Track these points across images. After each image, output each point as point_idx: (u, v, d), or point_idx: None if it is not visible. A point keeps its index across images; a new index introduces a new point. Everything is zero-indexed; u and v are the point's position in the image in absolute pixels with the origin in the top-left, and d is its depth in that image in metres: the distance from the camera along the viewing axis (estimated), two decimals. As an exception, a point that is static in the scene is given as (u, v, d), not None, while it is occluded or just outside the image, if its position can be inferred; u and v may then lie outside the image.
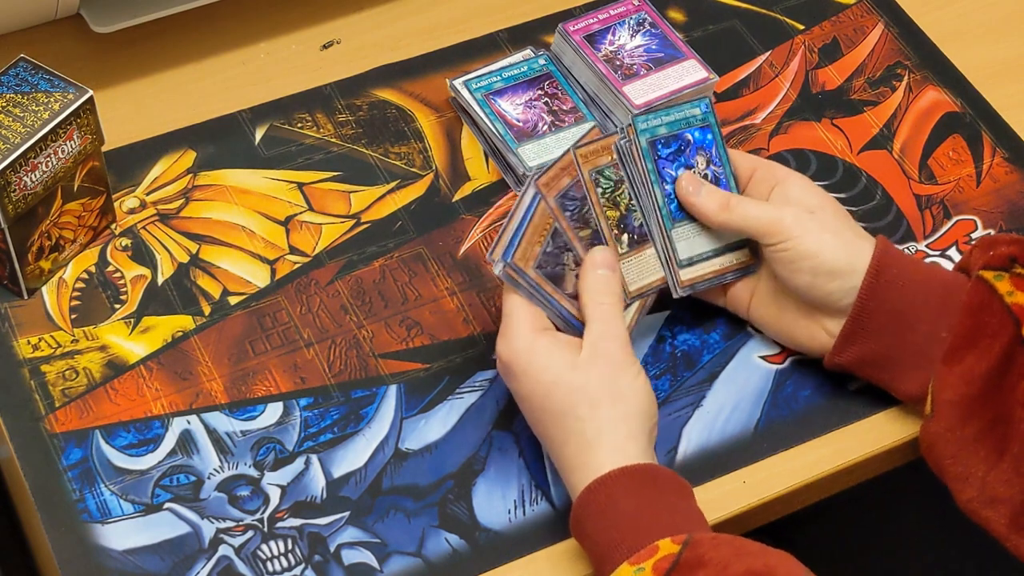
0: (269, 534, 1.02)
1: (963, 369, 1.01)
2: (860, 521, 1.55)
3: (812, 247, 1.04)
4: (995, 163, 1.24)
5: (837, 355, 1.06)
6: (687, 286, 1.08)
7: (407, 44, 1.29)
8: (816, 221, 1.05)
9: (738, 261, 1.09)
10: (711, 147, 1.09)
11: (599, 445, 0.97)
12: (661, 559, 0.92)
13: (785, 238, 1.04)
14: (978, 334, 1.02)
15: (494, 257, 1.02)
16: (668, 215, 1.07)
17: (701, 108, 1.10)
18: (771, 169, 1.09)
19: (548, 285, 1.02)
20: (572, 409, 0.98)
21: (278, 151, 1.21)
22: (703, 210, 1.07)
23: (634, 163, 1.07)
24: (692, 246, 1.08)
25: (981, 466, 1.01)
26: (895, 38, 1.32)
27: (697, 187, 1.07)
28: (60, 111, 1.05)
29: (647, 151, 1.07)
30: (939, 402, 1.02)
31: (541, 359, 0.99)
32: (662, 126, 1.08)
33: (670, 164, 1.08)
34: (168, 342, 1.10)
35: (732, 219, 1.06)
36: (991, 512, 1.01)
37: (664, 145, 1.08)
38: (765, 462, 1.07)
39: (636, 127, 1.07)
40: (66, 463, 1.04)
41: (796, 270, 1.05)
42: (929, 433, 1.03)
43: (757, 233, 1.06)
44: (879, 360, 1.05)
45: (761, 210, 1.06)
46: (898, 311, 1.04)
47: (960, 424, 1.01)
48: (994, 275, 1.03)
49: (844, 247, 1.04)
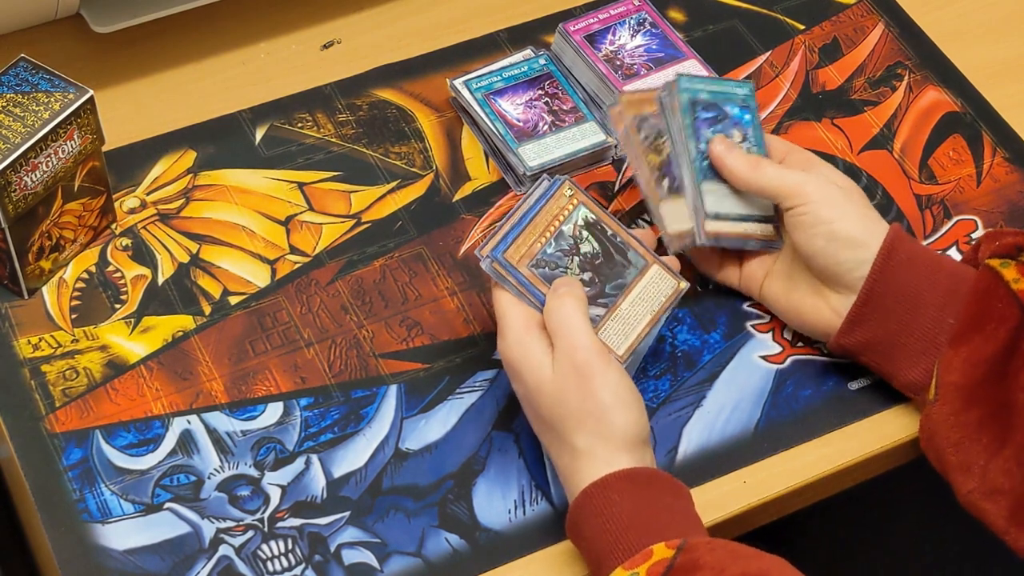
0: (269, 534, 1.02)
1: (969, 352, 1.02)
2: (860, 521, 1.56)
3: (830, 213, 1.06)
4: (995, 163, 1.24)
5: (843, 337, 1.06)
6: (711, 236, 1.09)
7: (407, 44, 1.29)
8: (839, 193, 1.07)
9: (763, 233, 1.10)
10: (748, 127, 1.11)
11: (589, 457, 0.97)
12: (655, 564, 0.92)
13: (805, 201, 1.06)
14: (984, 319, 1.02)
15: (482, 252, 1.02)
16: (700, 169, 1.09)
17: (744, 89, 1.13)
18: (804, 155, 1.12)
19: (543, 284, 1.02)
20: (558, 422, 0.98)
21: (278, 151, 1.21)
22: (732, 168, 1.08)
23: (673, 115, 1.09)
24: (720, 203, 1.10)
25: (982, 455, 1.01)
26: (895, 38, 1.32)
27: (729, 148, 1.09)
28: (60, 111, 1.05)
29: (687, 107, 1.10)
30: (944, 384, 1.02)
31: (530, 360, 0.99)
32: (704, 91, 1.11)
33: (706, 126, 1.10)
34: (168, 342, 1.10)
35: (759, 179, 1.08)
36: (991, 504, 1.01)
37: (704, 109, 1.10)
38: (765, 462, 1.07)
39: (679, 84, 1.10)
40: (66, 463, 1.04)
41: (813, 234, 1.06)
42: (931, 420, 1.03)
43: (780, 194, 1.07)
44: (884, 345, 1.05)
45: (787, 174, 1.08)
46: (906, 295, 1.04)
47: (964, 408, 1.02)
48: (1000, 262, 1.04)
49: (861, 220, 1.06)
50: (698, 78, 1.12)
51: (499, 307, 1.02)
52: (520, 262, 1.02)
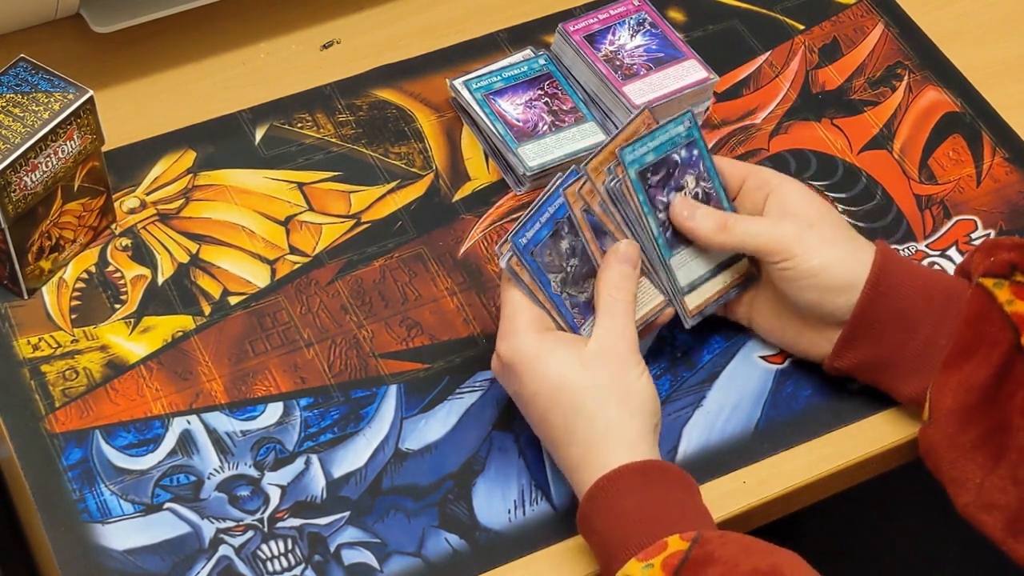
0: (269, 534, 1.02)
1: (961, 377, 1.01)
2: (860, 521, 1.56)
3: (816, 264, 1.03)
4: (995, 163, 1.24)
5: (836, 360, 1.06)
6: (696, 315, 1.07)
7: (407, 44, 1.29)
8: (817, 235, 1.03)
9: (739, 274, 1.09)
10: (699, 163, 1.07)
11: (607, 442, 0.97)
12: (670, 555, 0.92)
13: (788, 256, 1.03)
14: (977, 343, 1.01)
15: (503, 249, 1.01)
16: (665, 244, 1.05)
17: (684, 124, 1.06)
18: (761, 176, 1.08)
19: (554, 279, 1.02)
20: (580, 408, 0.98)
21: (278, 151, 1.21)
22: (700, 233, 1.05)
23: (627, 201, 1.04)
24: (691, 271, 1.07)
25: (978, 472, 1.01)
26: (895, 38, 1.32)
27: (692, 211, 1.05)
28: (60, 111, 1.05)
29: (637, 183, 1.04)
30: (937, 409, 1.02)
31: (547, 358, 0.99)
32: (648, 153, 1.05)
33: (660, 191, 1.05)
34: (168, 342, 1.10)
35: (731, 239, 1.05)
36: (987, 517, 1.01)
37: (653, 173, 1.05)
38: (765, 462, 1.07)
39: (623, 160, 1.03)
40: (66, 463, 1.04)
41: (802, 288, 1.04)
42: (927, 439, 1.03)
43: (758, 252, 1.04)
44: (878, 365, 1.05)
45: (760, 227, 1.04)
46: (897, 317, 1.03)
47: (958, 432, 1.01)
48: (994, 283, 1.03)
49: (848, 261, 1.03)
50: (637, 142, 1.04)
51: (509, 306, 1.01)
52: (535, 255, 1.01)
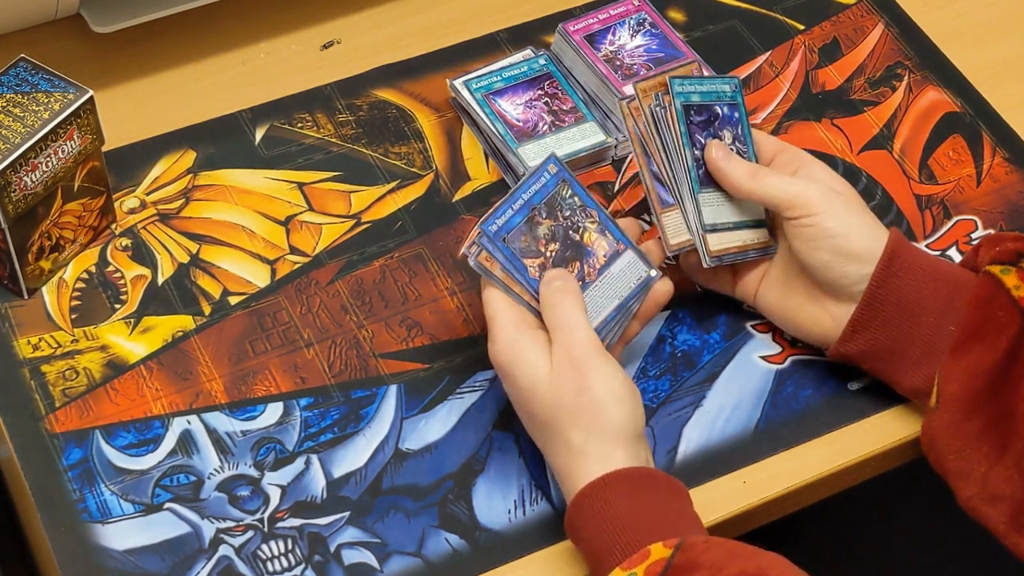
0: (269, 534, 1.02)
1: (969, 362, 1.02)
2: (860, 521, 1.55)
3: (837, 226, 1.04)
4: (995, 163, 1.24)
5: (844, 344, 1.06)
6: (716, 256, 1.08)
7: (407, 44, 1.29)
8: (842, 201, 1.05)
9: (759, 240, 1.10)
10: (738, 125, 1.10)
11: (584, 455, 0.97)
12: (653, 563, 0.92)
13: (810, 212, 1.04)
14: (985, 327, 1.02)
15: (470, 251, 1.02)
16: (696, 179, 1.08)
17: (731, 86, 1.11)
18: (795, 153, 1.10)
19: (533, 270, 1.02)
20: (553, 420, 0.98)
21: (278, 151, 1.21)
22: (731, 177, 1.07)
23: (668, 125, 1.07)
24: (716, 213, 1.08)
25: (983, 462, 1.01)
26: (895, 38, 1.32)
27: (727, 155, 1.08)
28: (60, 111, 1.05)
29: (681, 114, 1.07)
30: (944, 394, 1.02)
31: (523, 361, 0.99)
32: (695, 93, 1.09)
33: (700, 131, 1.08)
34: (168, 342, 1.10)
35: (759, 188, 1.06)
36: (991, 510, 1.01)
37: (696, 112, 1.08)
38: (765, 462, 1.07)
39: (672, 88, 1.07)
40: (66, 463, 1.04)
41: (817, 247, 1.05)
42: (932, 428, 1.03)
43: (783, 204, 1.05)
44: (884, 352, 1.05)
45: (788, 182, 1.06)
46: (907, 303, 1.04)
47: (964, 418, 1.01)
48: (1001, 269, 1.03)
49: (867, 231, 1.05)
50: (687, 79, 1.10)
51: (490, 308, 1.02)
52: (508, 242, 1.02)
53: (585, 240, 1.05)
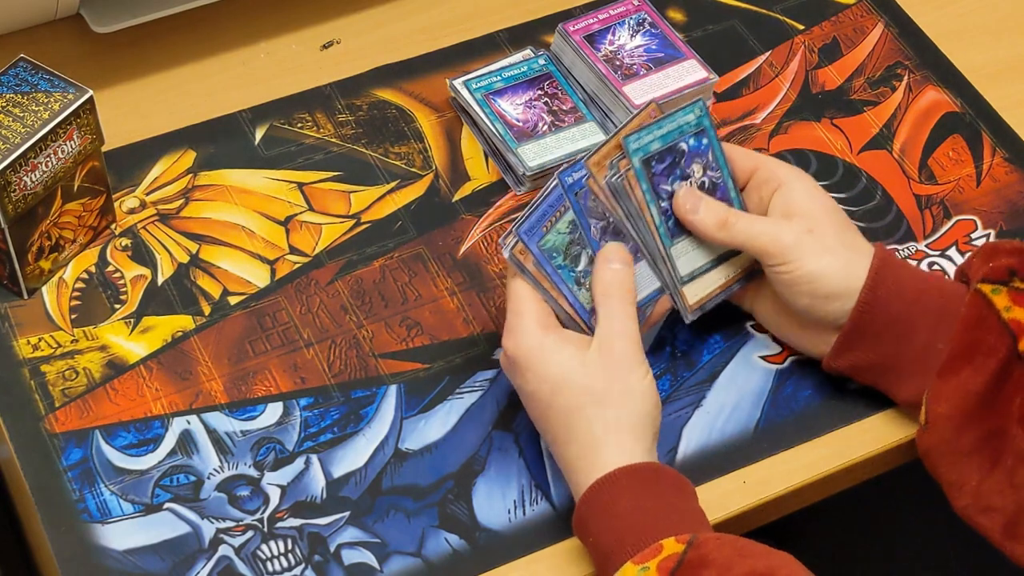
0: (269, 534, 1.02)
1: (958, 383, 1.01)
2: (860, 521, 1.55)
3: (811, 270, 1.03)
4: (995, 163, 1.24)
5: (833, 361, 1.06)
6: (696, 309, 1.07)
7: (407, 44, 1.29)
8: (816, 241, 1.03)
9: (741, 268, 1.09)
10: (707, 152, 1.06)
11: (605, 445, 0.97)
12: (666, 558, 0.92)
13: (785, 260, 1.03)
14: (974, 350, 1.01)
15: (506, 239, 1.01)
16: (666, 233, 1.05)
17: (695, 112, 1.05)
18: (772, 169, 1.07)
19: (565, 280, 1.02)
20: (579, 408, 0.98)
21: (278, 151, 1.21)
22: (702, 228, 1.05)
23: (629, 195, 1.03)
24: (693, 260, 1.06)
25: (975, 475, 1.01)
26: (895, 38, 1.32)
27: (696, 203, 1.05)
28: (60, 111, 1.05)
29: (641, 172, 1.03)
30: (933, 414, 1.02)
31: (550, 357, 0.99)
32: (655, 141, 1.04)
33: (665, 179, 1.05)
34: (168, 342, 1.10)
35: (731, 237, 1.05)
36: (985, 520, 1.01)
37: (658, 161, 1.04)
38: (765, 462, 1.07)
39: (628, 148, 1.02)
40: (66, 463, 1.04)
41: (796, 292, 1.04)
42: (924, 442, 1.03)
43: (756, 252, 1.05)
44: (875, 368, 1.05)
45: (760, 227, 1.04)
46: (895, 321, 1.03)
47: (954, 437, 1.01)
48: (991, 288, 1.02)
49: (843, 269, 1.03)
50: (644, 129, 1.03)
51: (516, 302, 1.01)
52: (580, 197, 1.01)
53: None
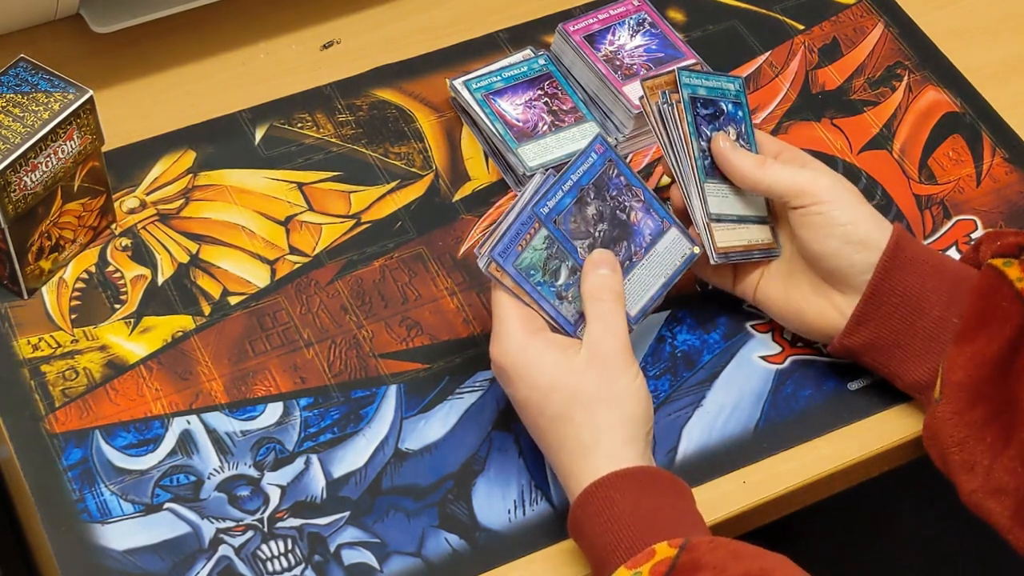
0: (269, 534, 1.02)
1: (973, 351, 1.02)
2: (860, 521, 1.56)
3: (845, 215, 1.05)
4: (995, 163, 1.24)
5: (847, 337, 1.06)
6: (722, 253, 1.08)
7: (407, 44, 1.29)
8: (848, 192, 1.06)
9: (763, 240, 1.10)
10: (741, 124, 1.11)
11: (596, 450, 0.97)
12: (658, 563, 0.92)
13: (819, 200, 1.05)
14: (989, 317, 1.02)
15: (481, 251, 1.01)
16: (703, 168, 1.08)
17: (735, 84, 1.12)
18: (797, 153, 1.10)
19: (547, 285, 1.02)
20: (568, 414, 0.98)
21: (278, 151, 1.21)
22: (738, 166, 1.07)
23: (676, 122, 1.08)
24: (721, 204, 1.09)
25: (987, 454, 1.01)
26: (895, 38, 1.32)
27: (733, 145, 1.08)
28: (60, 111, 1.05)
29: (689, 105, 1.08)
30: (948, 383, 1.02)
31: (536, 362, 0.99)
32: (702, 87, 1.10)
33: (706, 124, 1.09)
34: (168, 342, 1.10)
35: (766, 177, 1.07)
36: (995, 504, 1.01)
37: (703, 106, 1.09)
38: (765, 462, 1.07)
39: (680, 79, 1.08)
40: (66, 463, 1.04)
41: (826, 235, 1.05)
42: (935, 419, 1.03)
43: (791, 192, 1.06)
44: (887, 345, 1.05)
45: (796, 171, 1.07)
46: (910, 295, 1.04)
47: (968, 407, 1.02)
48: (1004, 262, 1.04)
49: (873, 222, 1.06)
50: (695, 73, 1.10)
51: (498, 309, 1.01)
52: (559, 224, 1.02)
53: (632, 219, 1.05)
